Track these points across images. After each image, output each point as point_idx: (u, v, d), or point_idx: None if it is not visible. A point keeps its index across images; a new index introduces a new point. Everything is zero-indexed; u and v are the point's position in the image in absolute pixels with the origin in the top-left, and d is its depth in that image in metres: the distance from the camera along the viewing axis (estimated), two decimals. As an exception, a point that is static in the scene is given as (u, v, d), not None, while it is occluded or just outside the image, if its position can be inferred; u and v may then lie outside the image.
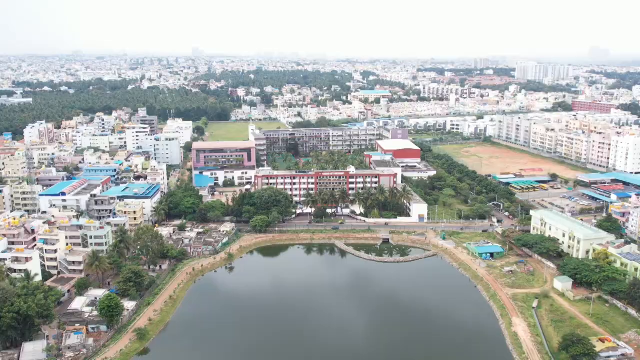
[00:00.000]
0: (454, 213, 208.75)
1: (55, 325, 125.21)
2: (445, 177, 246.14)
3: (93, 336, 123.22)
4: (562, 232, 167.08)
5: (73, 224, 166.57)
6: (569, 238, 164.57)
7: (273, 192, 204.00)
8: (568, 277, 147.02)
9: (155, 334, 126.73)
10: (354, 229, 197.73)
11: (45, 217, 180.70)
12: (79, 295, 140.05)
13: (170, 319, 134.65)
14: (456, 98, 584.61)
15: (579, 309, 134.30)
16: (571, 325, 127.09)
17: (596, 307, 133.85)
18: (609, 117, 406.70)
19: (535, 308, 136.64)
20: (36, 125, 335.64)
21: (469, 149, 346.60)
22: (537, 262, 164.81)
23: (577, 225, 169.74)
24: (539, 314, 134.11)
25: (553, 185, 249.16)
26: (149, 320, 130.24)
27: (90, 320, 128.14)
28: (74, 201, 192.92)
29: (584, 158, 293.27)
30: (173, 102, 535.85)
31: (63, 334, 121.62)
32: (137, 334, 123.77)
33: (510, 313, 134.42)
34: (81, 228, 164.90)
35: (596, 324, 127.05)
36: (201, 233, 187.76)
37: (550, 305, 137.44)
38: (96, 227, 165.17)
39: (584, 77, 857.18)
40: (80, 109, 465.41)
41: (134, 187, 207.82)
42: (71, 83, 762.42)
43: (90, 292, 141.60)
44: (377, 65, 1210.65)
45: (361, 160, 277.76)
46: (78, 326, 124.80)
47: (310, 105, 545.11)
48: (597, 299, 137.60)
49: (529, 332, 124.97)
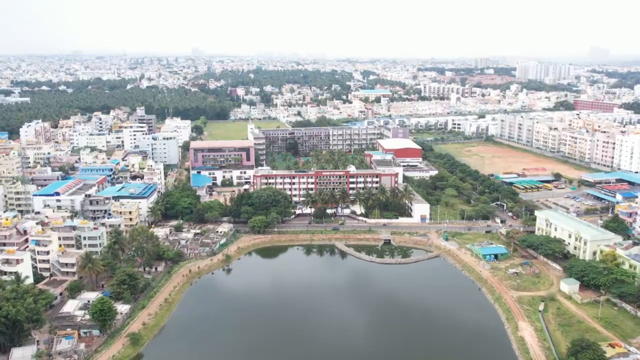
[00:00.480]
0: (457, 213, 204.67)
1: (46, 330, 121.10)
2: (447, 177, 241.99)
3: (85, 341, 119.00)
4: (568, 233, 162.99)
5: (66, 225, 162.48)
6: (575, 239, 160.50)
7: (272, 192, 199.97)
8: (575, 279, 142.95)
9: (149, 339, 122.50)
10: (354, 229, 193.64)
11: (39, 217, 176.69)
12: (71, 298, 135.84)
13: (165, 323, 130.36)
14: (457, 97, 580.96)
15: (586, 313, 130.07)
16: (579, 329, 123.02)
17: (604, 311, 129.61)
18: (611, 116, 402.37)
19: (542, 311, 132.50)
20: (32, 124, 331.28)
21: (470, 148, 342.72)
22: (542, 263, 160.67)
23: (583, 225, 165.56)
24: (545, 317, 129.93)
25: (557, 185, 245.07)
26: (143, 325, 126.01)
27: (82, 324, 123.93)
28: (69, 201, 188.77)
29: (587, 157, 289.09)
30: (172, 101, 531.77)
31: (54, 339, 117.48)
32: (130, 338, 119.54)
33: (516, 316, 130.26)
34: (75, 229, 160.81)
35: (605, 328, 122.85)
36: (198, 234, 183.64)
37: (557, 308, 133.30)
38: (90, 228, 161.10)
39: (585, 77, 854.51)
40: (78, 108, 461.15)
41: (130, 187, 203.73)
42: (70, 82, 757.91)
43: (83, 295, 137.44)
44: (377, 65, 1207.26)
45: (362, 160, 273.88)
46: (69, 330, 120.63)
47: (310, 105, 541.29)
48: (605, 302, 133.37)
49: (536, 337, 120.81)
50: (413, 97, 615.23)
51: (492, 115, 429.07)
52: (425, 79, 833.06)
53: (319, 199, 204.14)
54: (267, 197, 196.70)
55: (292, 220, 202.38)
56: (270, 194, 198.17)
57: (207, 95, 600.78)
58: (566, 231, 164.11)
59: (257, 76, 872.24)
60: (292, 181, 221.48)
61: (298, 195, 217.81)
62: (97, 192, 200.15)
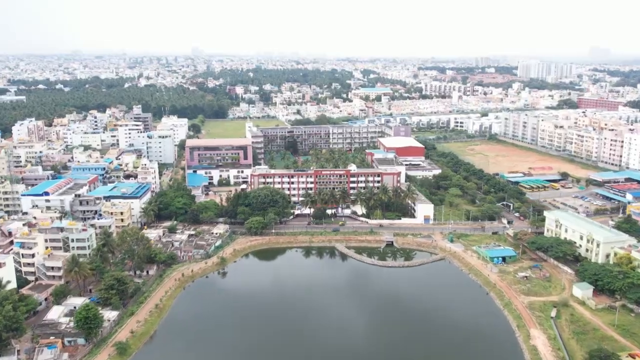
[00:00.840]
0: (461, 214, 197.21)
1: (28, 339, 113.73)
2: (451, 176, 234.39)
3: (69, 350, 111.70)
4: (580, 235, 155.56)
5: (54, 226, 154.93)
6: (587, 241, 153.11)
7: (270, 192, 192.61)
8: (588, 283, 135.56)
9: (137, 348, 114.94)
10: (355, 230, 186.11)
11: (27, 218, 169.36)
12: (56, 304, 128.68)
13: (154, 330, 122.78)
14: (459, 95, 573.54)
15: (602, 319, 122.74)
16: (595, 337, 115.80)
17: (621, 317, 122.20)
18: (617, 114, 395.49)
19: (554, 318, 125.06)
20: (25, 122, 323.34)
21: (473, 147, 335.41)
22: (552, 266, 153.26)
23: (595, 227, 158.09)
24: (558, 324, 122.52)
25: (564, 185, 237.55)
26: (131, 333, 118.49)
27: (66, 332, 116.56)
28: (58, 201, 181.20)
29: (594, 156, 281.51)
30: (169, 99, 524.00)
31: (35, 348, 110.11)
32: (117, 348, 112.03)
33: (527, 324, 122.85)
34: (62, 230, 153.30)
35: (623, 337, 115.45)
36: (192, 235, 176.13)
37: (570, 314, 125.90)
38: (78, 230, 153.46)
39: (587, 75, 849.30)
40: (73, 106, 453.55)
41: (122, 187, 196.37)
42: (67, 81, 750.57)
43: (69, 300, 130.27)
44: (377, 64, 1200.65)
45: (363, 159, 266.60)
46: (53, 339, 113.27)
47: (309, 103, 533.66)
48: (621, 307, 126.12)
49: (550, 346, 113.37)
50: (414, 96, 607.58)
51: (495, 114, 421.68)
52: (426, 77, 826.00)
53: (319, 199, 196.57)
54: (265, 197, 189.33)
55: (291, 221, 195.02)
56: (268, 194, 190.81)
57: (205, 94, 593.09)
58: (577, 232, 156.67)
59: (257, 75, 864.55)
60: (291, 180, 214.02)
61: (297, 195, 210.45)
62: (88, 191, 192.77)
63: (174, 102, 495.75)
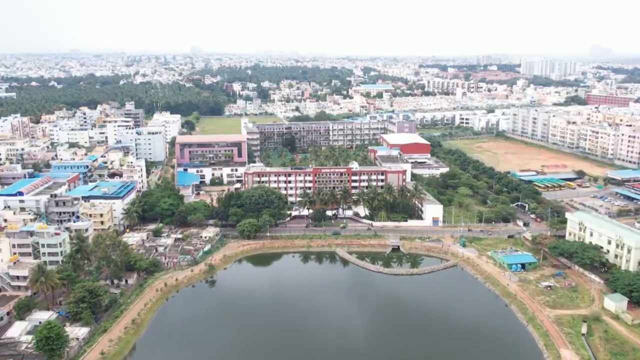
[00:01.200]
0: (473, 215, 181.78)
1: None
2: (459, 175, 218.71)
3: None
4: (607, 239, 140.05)
5: (22, 230, 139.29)
6: (616, 246, 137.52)
7: (264, 192, 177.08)
8: (621, 294, 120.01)
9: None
10: (357, 234, 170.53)
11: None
12: (19, 319, 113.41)
13: (129, 351, 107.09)
14: (463, 92, 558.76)
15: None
16: (635, 358, 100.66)
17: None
18: (628, 110, 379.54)
19: (586, 335, 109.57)
20: (9, 118, 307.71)
21: (481, 144, 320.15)
22: (578, 274, 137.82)
23: (625, 230, 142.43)
24: (591, 343, 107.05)
25: (581, 184, 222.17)
26: (101, 355, 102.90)
27: (27, 353, 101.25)
28: (33, 202, 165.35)
29: (610, 153, 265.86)
30: (164, 96, 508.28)
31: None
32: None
33: (556, 342, 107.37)
34: (32, 235, 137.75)
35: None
36: (179, 239, 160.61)
37: (604, 331, 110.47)
38: (50, 234, 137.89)
39: (591, 73, 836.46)
40: (64, 103, 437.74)
41: (104, 186, 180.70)
42: (61, 79, 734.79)
43: (34, 315, 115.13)
44: (377, 63, 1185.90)
45: (365, 156, 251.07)
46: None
47: (309, 100, 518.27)
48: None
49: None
50: (417, 93, 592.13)
51: (501, 110, 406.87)
52: (427, 75, 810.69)
53: (318, 199, 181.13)
54: (259, 197, 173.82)
55: (288, 223, 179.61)
56: (262, 194, 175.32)
57: (201, 91, 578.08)
58: (604, 236, 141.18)
59: (255, 72, 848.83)
60: (288, 179, 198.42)
61: (294, 195, 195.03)
62: (66, 191, 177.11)
63: (168, 99, 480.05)
